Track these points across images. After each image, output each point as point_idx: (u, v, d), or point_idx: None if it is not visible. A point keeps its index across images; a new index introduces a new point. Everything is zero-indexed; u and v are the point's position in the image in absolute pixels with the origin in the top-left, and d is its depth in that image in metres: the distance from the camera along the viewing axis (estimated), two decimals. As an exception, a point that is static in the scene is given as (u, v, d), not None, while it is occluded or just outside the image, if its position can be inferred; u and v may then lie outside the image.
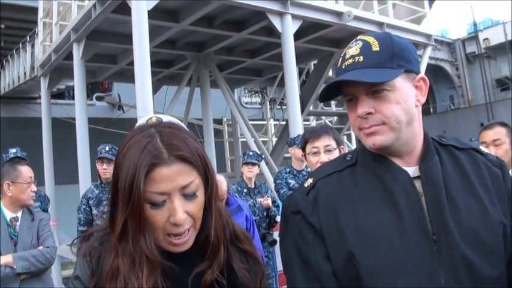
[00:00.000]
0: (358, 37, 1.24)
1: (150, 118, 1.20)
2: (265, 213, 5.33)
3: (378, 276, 1.12)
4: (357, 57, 1.18)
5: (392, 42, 1.20)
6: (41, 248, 3.11)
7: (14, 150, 4.87)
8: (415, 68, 1.23)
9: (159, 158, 1.08)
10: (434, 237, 1.13)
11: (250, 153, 5.70)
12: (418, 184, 1.19)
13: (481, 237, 1.16)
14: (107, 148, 4.69)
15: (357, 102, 1.20)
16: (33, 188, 3.25)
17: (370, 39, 1.20)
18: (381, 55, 1.17)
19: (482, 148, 1.35)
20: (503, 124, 3.10)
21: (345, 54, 1.22)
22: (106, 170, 4.64)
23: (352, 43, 1.23)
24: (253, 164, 5.61)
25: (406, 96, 1.19)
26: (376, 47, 1.18)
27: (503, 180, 1.28)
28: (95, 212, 4.67)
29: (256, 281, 1.26)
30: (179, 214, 1.08)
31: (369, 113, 1.18)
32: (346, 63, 1.20)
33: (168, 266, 1.12)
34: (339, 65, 1.23)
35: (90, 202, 4.74)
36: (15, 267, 2.92)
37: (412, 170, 1.22)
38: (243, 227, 1.36)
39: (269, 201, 5.29)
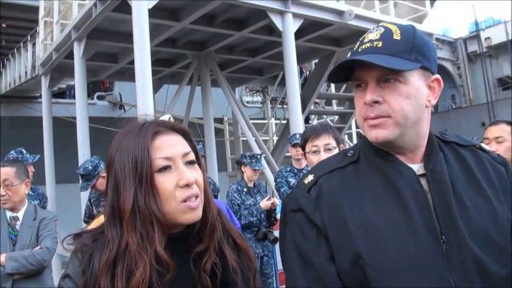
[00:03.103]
0: (381, 23, 1.21)
1: (170, 118, 1.26)
2: (263, 215, 5.31)
3: (387, 277, 1.07)
4: (375, 42, 1.15)
5: (414, 34, 1.17)
6: (36, 248, 3.08)
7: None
8: (432, 67, 1.19)
9: (157, 128, 1.19)
10: (443, 237, 1.10)
11: (258, 156, 5.68)
12: (423, 182, 1.16)
13: (491, 236, 1.13)
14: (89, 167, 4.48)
15: (366, 89, 1.15)
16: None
17: (393, 28, 1.17)
18: (400, 44, 1.14)
19: (484, 145, 1.33)
20: (508, 122, 3.11)
21: (363, 38, 1.19)
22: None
23: (373, 28, 1.19)
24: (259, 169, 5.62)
25: (417, 93, 1.15)
26: (397, 36, 1.15)
27: (508, 178, 1.26)
28: (94, 212, 4.72)
29: (249, 278, 1.26)
30: (188, 174, 1.15)
31: (376, 102, 1.13)
32: (363, 46, 1.16)
33: (169, 250, 1.14)
34: (355, 48, 1.19)
35: (92, 201, 4.81)
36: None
37: (417, 167, 1.19)
38: None
39: (269, 203, 5.27)
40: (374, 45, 1.14)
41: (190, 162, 1.19)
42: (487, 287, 1.08)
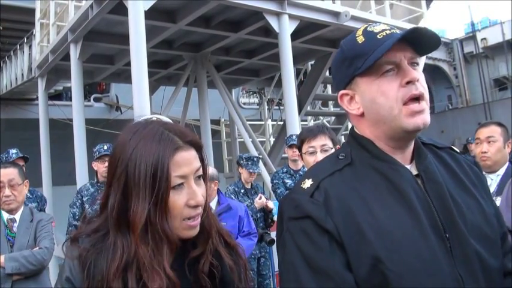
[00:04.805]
0: (372, 24, 1.22)
1: (151, 118, 1.24)
2: (259, 215, 5.30)
3: (406, 280, 1.05)
4: (392, 30, 1.15)
5: None
6: (35, 249, 3.09)
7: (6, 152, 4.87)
8: None
9: (178, 143, 1.16)
10: (447, 235, 1.11)
11: (255, 159, 5.67)
12: (419, 182, 1.17)
13: (483, 231, 1.16)
14: (106, 147, 4.70)
15: (400, 71, 1.14)
16: (5, 192, 3.16)
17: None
18: None
19: (455, 148, 1.35)
20: (499, 124, 3.16)
21: (371, 31, 1.18)
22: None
23: (369, 25, 1.20)
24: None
25: None
26: (396, 30, 1.17)
27: (482, 177, 1.32)
28: (88, 210, 4.67)
29: (241, 273, 1.28)
30: (199, 196, 1.16)
31: (417, 80, 1.13)
32: (380, 35, 1.15)
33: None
34: (362, 42, 1.18)
35: (84, 199, 4.75)
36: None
37: (409, 168, 1.19)
38: (231, 228, 1.39)
39: (263, 200, 5.26)
40: (393, 31, 1.15)
41: (199, 177, 1.19)
42: (488, 279, 1.11)
